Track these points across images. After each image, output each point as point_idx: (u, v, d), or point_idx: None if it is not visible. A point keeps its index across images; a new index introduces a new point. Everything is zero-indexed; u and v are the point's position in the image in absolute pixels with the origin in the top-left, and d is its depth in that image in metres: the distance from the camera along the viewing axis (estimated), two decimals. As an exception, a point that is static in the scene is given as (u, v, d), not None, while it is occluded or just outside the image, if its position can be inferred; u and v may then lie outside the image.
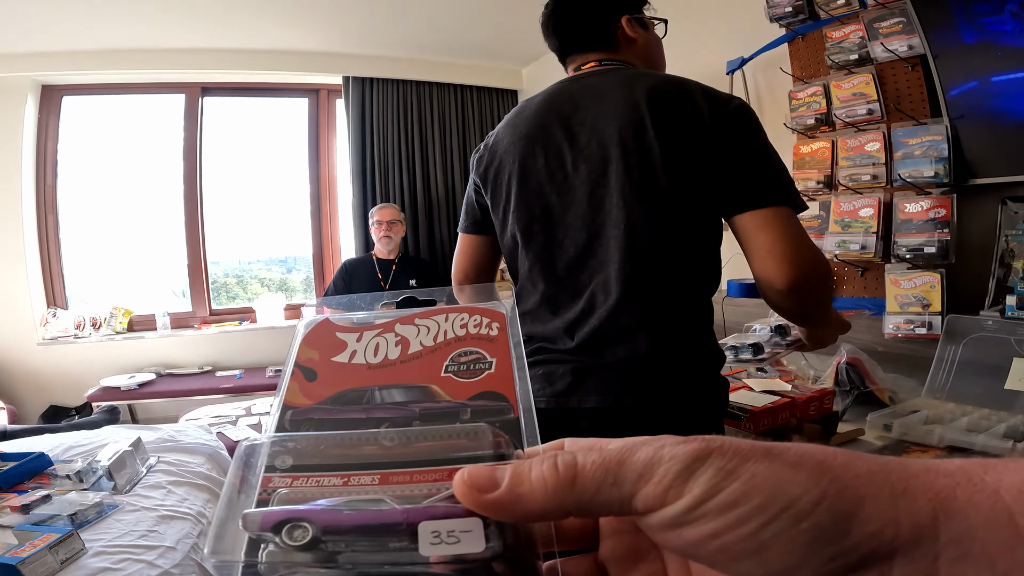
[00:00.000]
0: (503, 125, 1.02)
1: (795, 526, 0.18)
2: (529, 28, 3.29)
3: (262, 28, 2.97)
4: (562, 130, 0.93)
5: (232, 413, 2.66)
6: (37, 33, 2.73)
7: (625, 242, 0.86)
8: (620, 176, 0.87)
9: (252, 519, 0.22)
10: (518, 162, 0.95)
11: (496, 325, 0.31)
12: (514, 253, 1.00)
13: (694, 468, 0.19)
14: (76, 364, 3.11)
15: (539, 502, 0.20)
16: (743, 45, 2.01)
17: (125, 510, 1.34)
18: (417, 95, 3.61)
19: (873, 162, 1.61)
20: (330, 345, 0.30)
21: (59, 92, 3.24)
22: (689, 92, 0.88)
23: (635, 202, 0.86)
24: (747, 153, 0.85)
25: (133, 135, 3.49)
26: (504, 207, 0.99)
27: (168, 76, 3.29)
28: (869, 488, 0.18)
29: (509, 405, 0.28)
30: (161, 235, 3.54)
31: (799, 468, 0.18)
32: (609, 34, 1.01)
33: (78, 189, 3.35)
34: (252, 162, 3.74)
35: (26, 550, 1.06)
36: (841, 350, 1.39)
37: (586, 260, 0.91)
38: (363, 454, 0.25)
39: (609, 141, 0.88)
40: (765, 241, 0.82)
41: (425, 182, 3.61)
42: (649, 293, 0.87)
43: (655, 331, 0.87)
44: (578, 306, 0.91)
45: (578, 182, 0.91)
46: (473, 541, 0.21)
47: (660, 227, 0.87)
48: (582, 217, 0.90)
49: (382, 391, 0.29)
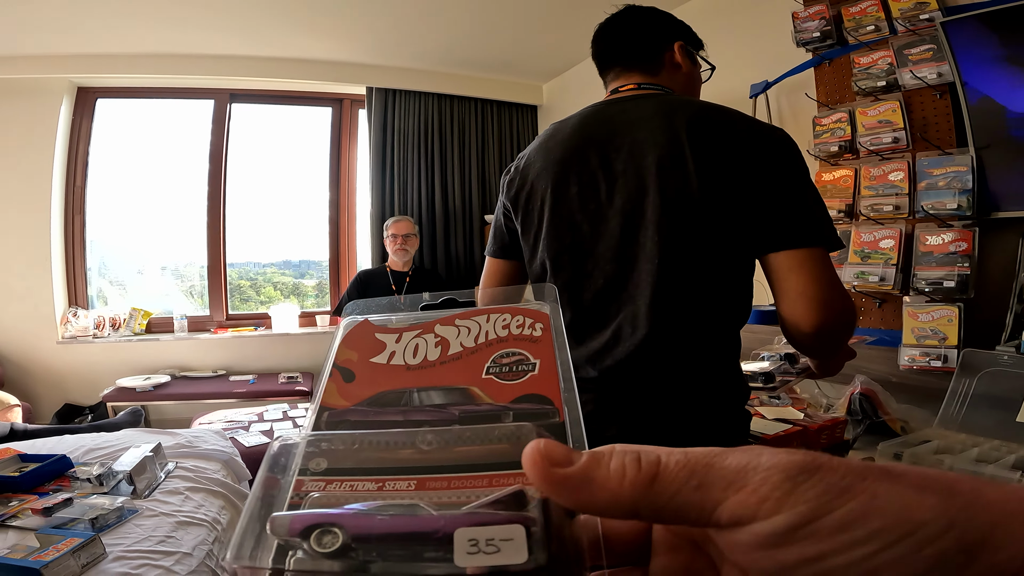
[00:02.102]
0: (535, 148, 1.00)
1: (917, 552, 0.16)
2: (550, 44, 3.35)
3: (291, 37, 3.02)
4: (597, 157, 0.91)
5: (244, 418, 2.67)
6: (74, 35, 2.79)
7: (658, 277, 0.85)
8: (656, 208, 0.85)
9: (280, 523, 0.21)
10: (551, 188, 0.94)
11: (540, 326, 0.30)
12: (542, 279, 0.99)
13: (800, 481, 0.17)
14: (93, 364, 3.14)
15: (612, 492, 0.19)
16: (767, 69, 2.01)
17: (144, 515, 1.34)
18: (438, 108, 3.65)
19: (896, 192, 1.60)
20: (369, 346, 0.29)
21: (93, 94, 3.31)
22: (731, 123, 0.86)
23: (670, 236, 0.84)
24: (786, 189, 0.83)
25: (162, 139, 3.55)
26: (535, 233, 0.98)
27: (198, 81, 3.34)
28: (1002, 517, 0.17)
29: (554, 408, 0.26)
30: (183, 238, 3.59)
31: (925, 491, 0.17)
32: (656, 55, 0.99)
33: (106, 190, 3.41)
34: (274, 168, 3.78)
35: (49, 554, 1.06)
36: (855, 380, 1.38)
37: (615, 292, 0.90)
38: (400, 458, 0.24)
39: (646, 171, 0.86)
40: (797, 284, 0.81)
41: (444, 196, 3.63)
42: (679, 329, 0.86)
43: (682, 366, 0.87)
44: (603, 337, 0.90)
45: (611, 212, 0.89)
46: (514, 551, 0.19)
47: (694, 263, 0.85)
48: (613, 248, 0.89)
49: (421, 393, 0.27)
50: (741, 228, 0.85)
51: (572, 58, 3.45)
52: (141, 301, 3.48)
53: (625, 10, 1.03)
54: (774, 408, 1.34)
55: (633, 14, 1.03)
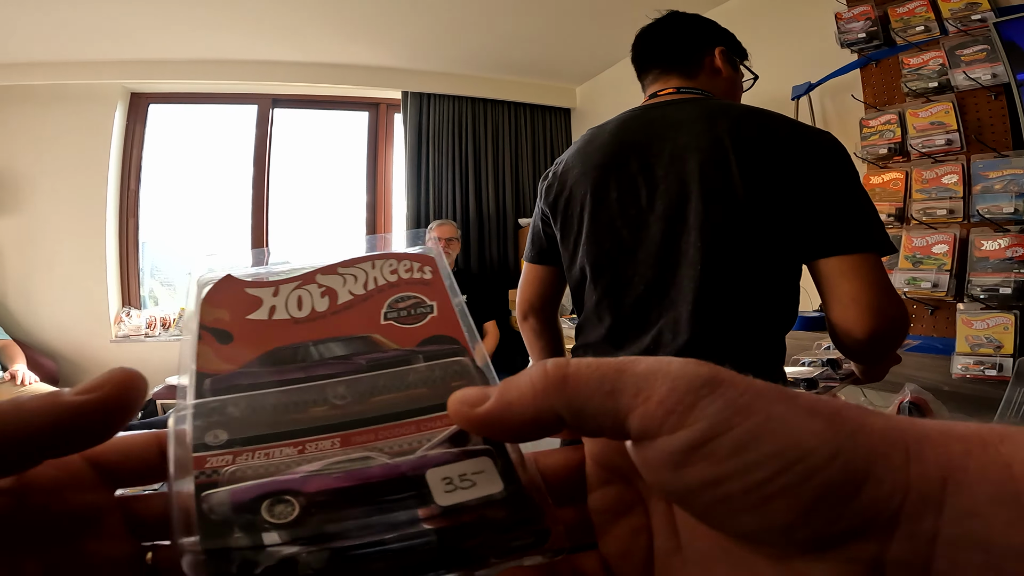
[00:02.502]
0: (573, 153, 1.00)
1: (806, 481, 0.15)
2: (584, 47, 3.34)
3: (330, 42, 3.08)
4: (637, 162, 0.90)
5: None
6: (127, 41, 2.90)
7: (700, 283, 0.84)
8: (699, 214, 0.84)
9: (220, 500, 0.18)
10: (590, 194, 0.93)
11: (428, 269, 0.28)
12: (581, 286, 0.99)
13: (702, 395, 0.17)
14: (144, 362, 3.26)
15: (529, 406, 0.18)
16: (810, 70, 1.96)
17: None
18: (472, 111, 3.68)
19: (950, 195, 1.54)
20: (241, 302, 0.26)
21: (146, 100, 3.45)
22: (777, 127, 0.84)
23: (714, 242, 0.83)
24: (837, 194, 0.81)
25: (210, 143, 3.68)
26: (575, 239, 0.97)
27: (243, 87, 3.46)
28: (884, 446, 0.16)
29: (463, 348, 0.25)
30: (229, 240, 3.71)
31: (815, 415, 0.16)
32: (696, 59, 0.98)
33: (157, 193, 3.55)
34: (313, 171, 3.87)
35: None
36: (905, 389, 1.33)
37: (655, 298, 0.89)
38: (313, 416, 0.22)
39: (688, 176, 0.85)
40: (849, 289, 0.79)
41: (477, 199, 3.65)
42: (722, 335, 0.85)
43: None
44: (643, 343, 0.90)
45: (652, 218, 0.88)
46: (490, 482, 0.19)
47: (739, 269, 0.84)
48: (655, 254, 0.88)
49: (318, 346, 0.25)
50: (788, 233, 0.83)
51: (605, 61, 3.43)
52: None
53: (668, 15, 1.03)
54: None
55: (675, 19, 1.02)
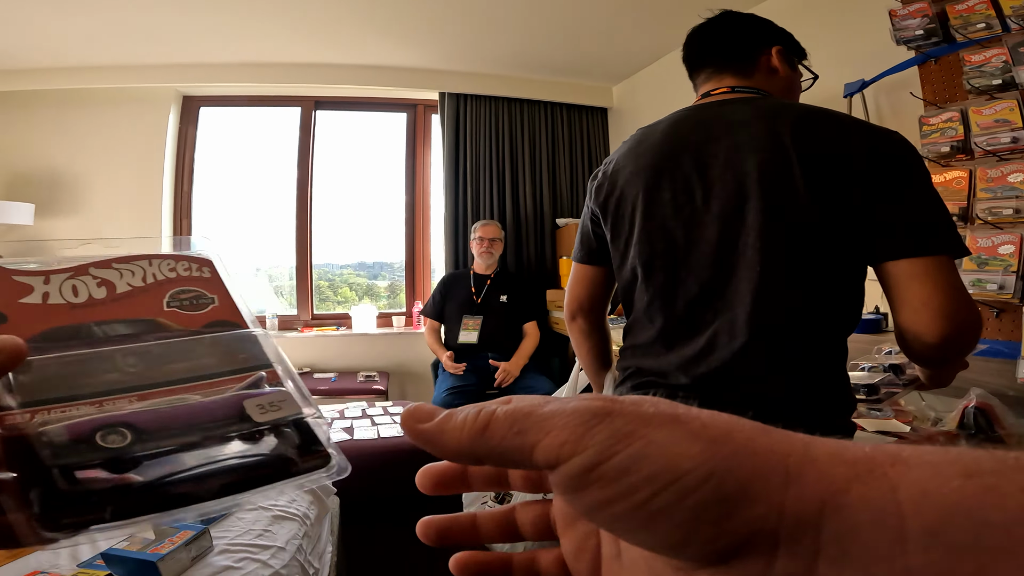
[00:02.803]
0: (623, 153, 1.00)
1: (680, 502, 0.16)
2: (621, 46, 3.30)
3: (369, 45, 3.14)
4: (691, 161, 0.88)
5: (327, 415, 2.80)
6: (179, 46, 3.01)
7: (759, 284, 0.82)
8: (758, 215, 0.82)
9: (56, 434, 0.19)
10: (642, 194, 0.93)
11: (207, 269, 0.31)
12: (632, 286, 0.98)
13: (591, 425, 0.18)
14: (196, 359, 3.41)
15: (456, 442, 0.21)
16: (863, 67, 1.88)
17: (244, 508, 1.38)
18: (508, 112, 3.68)
19: (1016, 195, 1.47)
20: (11, 288, 0.26)
21: (197, 103, 3.58)
22: (841, 126, 0.82)
23: (774, 243, 0.81)
24: (907, 195, 0.78)
25: (256, 145, 3.81)
26: (626, 240, 0.97)
27: (287, 89, 3.56)
28: (763, 468, 0.16)
29: (242, 327, 0.28)
30: (275, 240, 3.82)
31: (697, 439, 0.17)
32: (751, 57, 0.96)
33: (206, 195, 3.68)
34: (352, 172, 3.95)
35: (165, 547, 1.09)
36: (970, 393, 1.28)
37: (710, 299, 0.88)
38: (106, 380, 0.23)
39: (747, 176, 0.83)
40: (920, 293, 0.76)
41: (514, 199, 3.66)
42: (781, 337, 0.83)
43: (783, 376, 0.84)
44: (697, 344, 0.88)
45: (708, 218, 0.87)
46: (292, 406, 0.24)
47: (800, 270, 0.82)
48: (710, 255, 0.87)
49: (101, 326, 0.26)
50: (854, 234, 0.80)
51: (643, 60, 3.38)
52: (236, 301, 3.75)
53: (721, 14, 1.01)
54: (875, 420, 1.27)
55: (729, 18, 1.00)
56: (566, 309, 1.17)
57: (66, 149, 3.31)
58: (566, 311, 1.17)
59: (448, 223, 3.56)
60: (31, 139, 3.29)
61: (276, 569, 1.25)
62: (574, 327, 1.18)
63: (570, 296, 1.15)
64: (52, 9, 2.51)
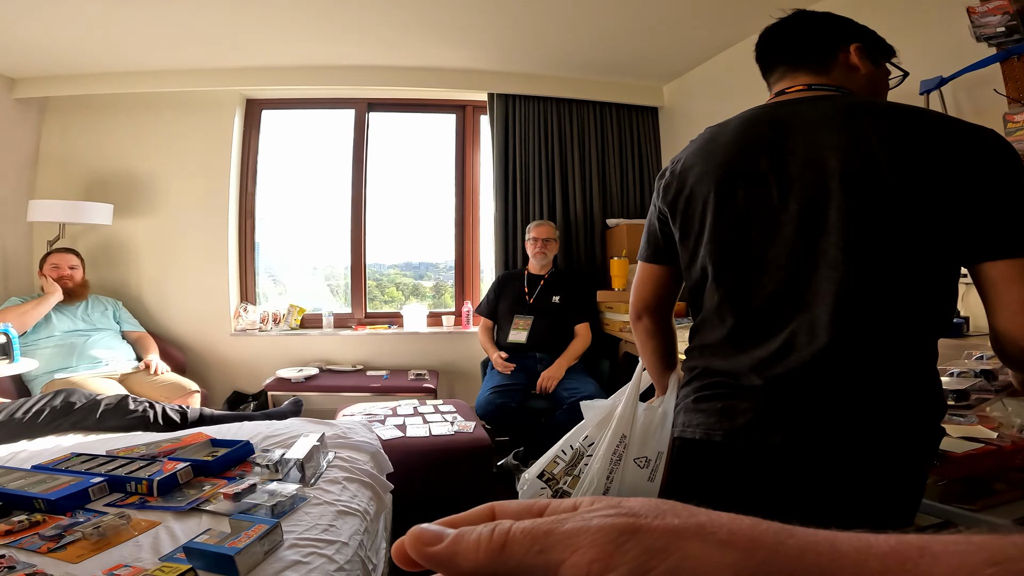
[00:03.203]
0: (693, 151, 0.99)
1: None
2: (672, 44, 3.25)
3: (420, 47, 3.17)
4: (767, 160, 0.87)
5: (380, 412, 2.86)
6: (242, 50, 3.13)
7: (842, 285, 0.80)
8: (841, 214, 0.80)
9: None
10: (714, 192, 0.92)
11: None
12: (701, 285, 0.98)
13: (621, 543, 0.18)
14: (258, 355, 3.55)
15: (472, 563, 0.21)
16: (940, 64, 1.79)
17: (312, 503, 1.44)
18: (557, 112, 3.67)
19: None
20: None
21: (259, 106, 3.73)
22: (931, 123, 0.79)
23: (859, 244, 0.79)
24: (1006, 194, 0.75)
25: (313, 147, 3.93)
26: (696, 238, 0.96)
27: (341, 92, 3.65)
28: (799, 570, 0.17)
29: None
30: (331, 240, 3.94)
31: (728, 548, 0.18)
32: (828, 54, 0.94)
33: (267, 195, 3.84)
34: (402, 173, 4.02)
35: (241, 541, 1.11)
36: (1061, 399, 1.20)
37: (788, 299, 0.86)
38: None
39: (829, 175, 0.81)
40: (1020, 295, 0.73)
41: (564, 199, 3.65)
42: (865, 339, 0.81)
43: (868, 378, 0.82)
44: (772, 345, 0.87)
45: (786, 217, 0.85)
46: None
47: (887, 272, 0.80)
48: (787, 254, 0.85)
49: None
50: (947, 235, 0.78)
51: (695, 58, 3.30)
52: (295, 299, 3.89)
53: (794, 14, 0.98)
54: (959, 426, 1.22)
55: (802, 16, 0.98)
56: (631, 309, 1.17)
57: (142, 152, 3.50)
58: (631, 310, 1.17)
59: (498, 223, 3.58)
60: (110, 142, 3.50)
61: (340, 564, 1.27)
62: (639, 327, 1.18)
63: (636, 296, 1.15)
64: (128, 14, 2.64)
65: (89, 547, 1.18)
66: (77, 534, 1.21)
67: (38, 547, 1.17)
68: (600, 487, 1.33)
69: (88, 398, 2.05)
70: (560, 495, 1.42)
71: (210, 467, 1.59)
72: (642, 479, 1.32)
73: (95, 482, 1.44)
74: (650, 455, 1.32)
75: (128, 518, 1.28)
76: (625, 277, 3.20)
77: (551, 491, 1.45)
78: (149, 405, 2.14)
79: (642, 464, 1.32)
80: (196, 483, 1.53)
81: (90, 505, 1.40)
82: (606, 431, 1.36)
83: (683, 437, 1.01)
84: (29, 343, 2.77)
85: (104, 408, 2.05)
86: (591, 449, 1.40)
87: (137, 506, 1.39)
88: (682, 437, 1.01)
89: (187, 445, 1.72)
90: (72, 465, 1.58)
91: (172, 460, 1.59)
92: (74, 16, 2.61)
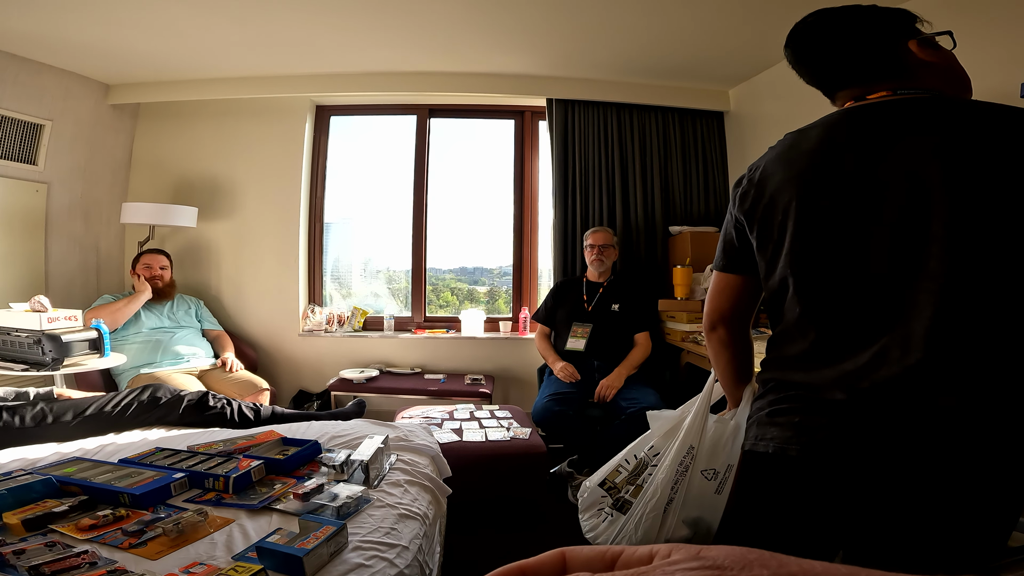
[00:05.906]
0: (772, 159, 0.96)
1: None
2: (738, 47, 3.15)
3: (480, 53, 3.20)
4: (855, 167, 0.83)
5: (438, 415, 2.89)
6: (312, 57, 3.26)
7: (943, 298, 0.76)
8: (943, 224, 0.76)
9: None
10: (796, 201, 0.89)
11: None
12: (782, 296, 0.94)
13: None
14: (323, 356, 3.69)
15: None
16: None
17: (375, 505, 1.45)
18: (617, 117, 3.62)
19: None
20: None
21: (328, 112, 3.89)
22: None
23: (962, 255, 0.75)
24: None
25: (377, 152, 4.06)
26: (775, 248, 0.93)
27: (404, 98, 3.75)
28: None
29: None
30: (393, 244, 4.05)
31: None
32: (897, 62, 0.88)
33: (335, 199, 3.99)
34: (460, 178, 4.08)
35: (310, 542, 1.13)
36: None
37: (880, 311, 0.82)
38: None
39: (929, 183, 0.77)
40: None
41: (624, 206, 3.59)
42: (967, 355, 0.76)
43: (968, 395, 0.76)
44: (860, 359, 0.83)
45: (877, 227, 0.81)
46: None
47: (991, 286, 0.75)
48: (880, 266, 0.81)
49: None
50: None
51: (763, 61, 3.17)
52: (358, 301, 4.03)
53: (825, 34, 0.93)
54: None
55: (834, 31, 0.92)
56: (705, 318, 1.14)
57: (223, 156, 3.72)
58: (705, 320, 1.15)
59: (557, 230, 3.57)
60: (196, 147, 3.73)
61: (400, 568, 1.27)
62: (713, 337, 1.15)
63: (711, 306, 1.12)
64: (213, 21, 2.80)
65: (168, 543, 1.22)
66: (158, 530, 1.25)
67: (120, 542, 1.22)
68: (664, 497, 1.30)
69: (172, 394, 2.19)
70: (621, 504, 1.40)
71: (282, 465, 1.64)
72: (709, 491, 1.29)
73: (177, 478, 1.50)
74: (719, 468, 1.28)
75: (206, 515, 1.33)
76: (688, 285, 3.12)
77: (612, 499, 1.43)
78: (227, 402, 2.26)
79: (710, 476, 1.29)
80: (268, 481, 1.58)
81: (171, 500, 1.46)
82: (673, 441, 1.33)
83: (754, 451, 0.97)
84: (118, 339, 2.99)
85: (186, 404, 2.18)
86: (656, 459, 1.37)
87: (213, 502, 1.45)
88: (753, 451, 0.98)
89: (260, 443, 1.78)
90: (156, 460, 1.66)
91: (247, 457, 1.65)
92: (164, 24, 2.78)
